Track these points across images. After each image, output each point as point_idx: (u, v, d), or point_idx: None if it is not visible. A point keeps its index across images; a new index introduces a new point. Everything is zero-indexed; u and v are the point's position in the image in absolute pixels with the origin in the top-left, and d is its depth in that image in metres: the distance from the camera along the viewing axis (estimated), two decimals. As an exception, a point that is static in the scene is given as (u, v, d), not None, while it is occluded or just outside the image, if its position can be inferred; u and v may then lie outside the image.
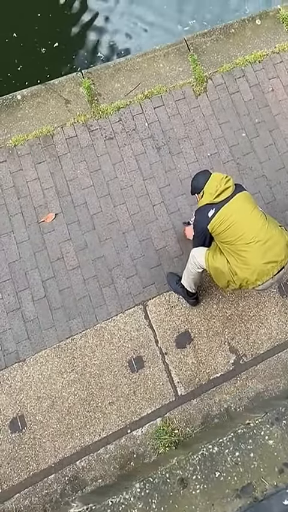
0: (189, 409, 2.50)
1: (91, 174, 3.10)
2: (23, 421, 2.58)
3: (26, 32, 3.89)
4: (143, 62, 3.42)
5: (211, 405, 2.50)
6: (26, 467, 2.50)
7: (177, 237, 2.93)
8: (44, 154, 3.14)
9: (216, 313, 2.72)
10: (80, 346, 2.69)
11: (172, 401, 2.52)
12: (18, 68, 3.83)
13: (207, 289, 2.78)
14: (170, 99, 3.25)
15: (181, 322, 2.69)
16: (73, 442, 2.51)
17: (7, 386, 2.64)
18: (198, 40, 3.46)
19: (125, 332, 2.69)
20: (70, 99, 3.30)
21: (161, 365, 2.62)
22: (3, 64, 3.80)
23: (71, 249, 2.93)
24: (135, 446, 2.45)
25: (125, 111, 3.23)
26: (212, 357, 2.61)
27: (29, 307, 2.80)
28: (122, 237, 2.94)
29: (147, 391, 2.57)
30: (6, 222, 2.98)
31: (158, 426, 2.47)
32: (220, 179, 2.41)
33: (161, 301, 2.76)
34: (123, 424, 2.52)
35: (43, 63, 3.89)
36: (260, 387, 2.52)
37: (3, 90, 3.52)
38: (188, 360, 2.61)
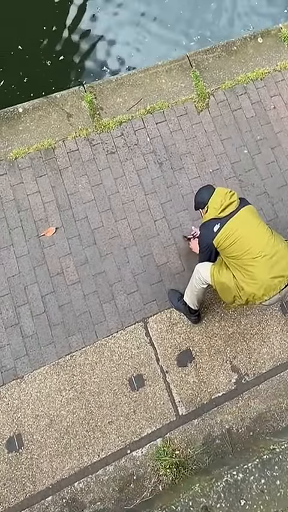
0: (190, 430, 2.47)
1: (92, 188, 3.09)
2: (20, 440, 2.53)
3: (32, 45, 3.95)
4: (145, 77, 3.44)
5: (212, 426, 2.47)
6: (22, 489, 2.45)
7: (178, 252, 2.92)
8: (45, 168, 3.13)
9: (218, 331, 2.71)
10: (80, 363, 2.66)
11: (173, 421, 2.50)
12: (25, 80, 3.87)
13: (209, 306, 2.76)
14: (172, 115, 3.27)
15: (182, 340, 2.67)
16: (71, 463, 2.46)
17: (4, 404, 2.59)
18: (201, 57, 3.50)
19: (125, 349, 2.67)
20: (72, 113, 3.31)
21: (161, 384, 2.59)
22: (9, 76, 3.85)
23: (71, 263, 2.90)
24: (135, 467, 2.41)
25: (127, 125, 3.24)
26: (214, 376, 2.59)
27: (28, 323, 2.77)
28: (123, 252, 2.93)
29: (148, 410, 2.54)
30: (6, 235, 2.96)
31: (159, 447, 2.44)
32: (224, 194, 2.43)
33: (162, 318, 2.74)
34: (122, 444, 2.49)
35: (48, 75, 3.94)
36: (263, 407, 2.49)
37: (8, 101, 3.56)
38: (189, 378, 2.58)
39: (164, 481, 2.32)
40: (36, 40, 3.98)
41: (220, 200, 2.39)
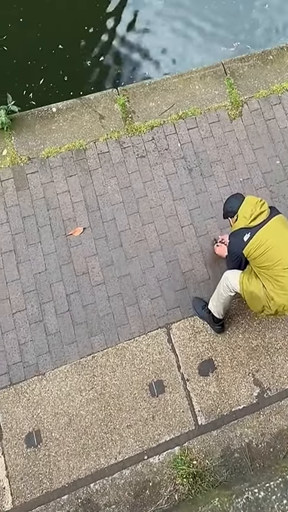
0: (209, 440, 2.42)
1: (121, 191, 3.04)
2: (38, 436, 2.54)
3: (72, 44, 4.03)
4: (178, 82, 3.38)
5: (232, 438, 2.40)
6: (39, 485, 2.44)
7: (204, 260, 2.89)
8: (75, 168, 3.10)
9: (242, 343, 2.65)
10: (101, 364, 2.62)
11: (192, 431, 2.45)
12: (65, 79, 3.92)
13: (233, 317, 2.70)
14: (204, 121, 3.20)
15: (205, 349, 2.63)
16: (88, 464, 2.43)
17: (25, 399, 2.58)
18: (236, 64, 3.43)
19: (147, 354, 2.62)
20: (104, 115, 3.25)
21: (182, 391, 2.54)
22: (49, 74, 3.92)
23: (97, 264, 2.86)
24: (151, 474, 2.36)
25: (159, 130, 3.19)
26: (235, 388, 2.52)
27: (52, 320, 2.75)
28: (148, 257, 2.89)
29: (167, 417, 2.49)
30: (35, 232, 2.95)
31: (176, 455, 2.41)
32: (255, 203, 2.40)
33: (185, 325, 2.71)
34: (140, 449, 2.45)
35: (87, 75, 4.01)
36: (284, 424, 2.42)
37: (48, 99, 3.61)
38: (210, 388, 2.53)
39: (180, 490, 2.26)
40: (77, 40, 4.05)
41: (251, 209, 2.34)
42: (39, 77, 3.84)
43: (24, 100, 3.74)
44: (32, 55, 3.91)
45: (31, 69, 3.86)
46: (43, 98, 3.69)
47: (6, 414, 2.57)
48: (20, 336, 2.76)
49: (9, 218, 3.05)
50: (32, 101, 3.77)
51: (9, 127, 3.28)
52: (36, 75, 3.84)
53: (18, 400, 2.60)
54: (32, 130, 3.31)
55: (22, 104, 3.60)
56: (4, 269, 2.92)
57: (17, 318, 2.81)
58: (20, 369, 2.68)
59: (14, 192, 3.12)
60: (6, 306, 2.84)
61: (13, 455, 2.51)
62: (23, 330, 2.78)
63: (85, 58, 4.02)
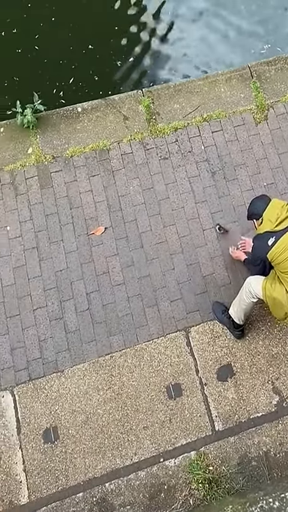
0: (225, 447, 2.36)
1: (143, 192, 2.99)
2: (56, 432, 2.56)
3: (103, 44, 4.04)
4: (204, 85, 3.30)
5: (249, 446, 2.33)
6: (55, 481, 2.43)
7: (226, 265, 2.84)
8: (98, 168, 3.07)
9: (262, 349, 2.59)
10: (119, 364, 2.59)
11: (208, 436, 2.41)
12: (95, 78, 3.93)
13: (254, 323, 2.64)
14: (229, 125, 3.11)
15: (224, 354, 2.57)
16: (104, 463, 2.40)
17: (43, 395, 2.59)
18: (262, 68, 3.35)
19: (165, 356, 2.58)
20: (129, 116, 3.18)
21: (199, 396, 2.49)
22: (79, 73, 3.94)
23: (118, 264, 2.82)
24: (167, 477, 2.31)
25: (182, 132, 3.11)
26: (254, 395, 2.47)
27: (72, 318, 2.74)
28: (169, 259, 2.85)
29: (184, 420, 2.45)
30: (57, 230, 2.94)
31: (192, 459, 2.37)
32: (281, 206, 2.36)
33: (205, 329, 2.67)
34: (156, 451, 2.43)
35: (117, 75, 4.00)
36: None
37: (78, 98, 3.61)
38: (228, 394, 2.47)
39: (195, 495, 2.22)
40: (107, 40, 4.06)
41: (276, 213, 2.30)
42: (69, 76, 3.87)
43: (54, 98, 3.76)
44: (62, 54, 3.94)
45: (61, 68, 3.89)
46: (73, 96, 3.71)
47: (24, 409, 2.59)
48: (40, 332, 2.76)
49: (32, 216, 3.03)
50: (61, 100, 3.79)
51: (35, 125, 3.27)
52: (66, 74, 3.87)
53: (37, 396, 2.60)
54: (57, 129, 3.28)
55: (52, 102, 3.65)
56: (26, 265, 2.92)
57: (37, 314, 2.80)
58: (39, 365, 2.68)
59: (38, 190, 3.11)
60: (27, 302, 2.83)
61: (30, 449, 2.52)
62: (43, 326, 2.77)
63: (115, 58, 4.03)
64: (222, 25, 4.13)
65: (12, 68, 3.86)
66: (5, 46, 3.91)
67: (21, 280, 2.91)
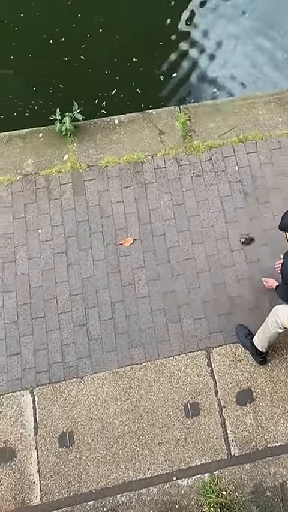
0: (240, 473, 2.31)
1: (174, 207, 3.00)
2: (71, 437, 2.58)
3: (147, 58, 4.08)
4: (242, 106, 3.29)
5: (265, 475, 2.29)
6: (67, 486, 2.46)
7: (253, 288, 2.83)
8: (131, 180, 3.10)
9: (284, 378, 2.57)
10: (138, 377, 2.59)
11: (224, 459, 2.38)
12: (138, 91, 3.96)
13: (277, 350, 2.63)
14: (265, 147, 3.07)
15: (245, 378, 2.54)
16: (117, 474, 2.39)
17: (62, 399, 2.61)
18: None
19: (185, 374, 2.55)
20: (164, 131, 3.20)
21: (217, 418, 2.45)
22: (122, 85, 3.98)
23: (144, 277, 2.83)
24: (178, 496, 2.28)
25: (217, 151, 3.10)
26: (273, 424, 2.42)
27: (95, 326, 2.75)
28: (195, 276, 2.84)
29: (199, 441, 2.41)
30: (87, 237, 2.97)
31: (206, 482, 2.34)
32: None
33: (227, 351, 2.64)
34: (169, 469, 2.41)
35: (159, 90, 4.03)
36: None
37: (119, 109, 3.63)
38: (246, 419, 2.42)
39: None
40: (152, 54, 4.10)
41: None
42: (112, 87, 3.92)
43: (96, 108, 3.82)
44: (107, 65, 4.00)
45: (105, 78, 3.96)
46: (114, 107, 3.77)
47: (43, 411, 2.62)
48: (63, 336, 2.79)
49: (64, 221, 3.07)
50: (103, 110, 3.84)
51: (72, 134, 3.31)
52: (109, 85, 3.93)
53: (56, 399, 2.62)
54: (93, 139, 3.30)
55: (93, 112, 3.71)
56: (55, 269, 2.95)
57: (62, 318, 2.83)
58: (60, 369, 2.71)
59: (71, 196, 3.14)
60: (53, 306, 2.86)
61: (46, 451, 2.55)
62: (66, 331, 2.80)
63: (158, 73, 4.06)
64: (270, 46, 4.04)
65: (58, 75, 3.95)
66: (53, 54, 4.01)
67: (49, 283, 2.95)
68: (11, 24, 4.05)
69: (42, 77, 3.93)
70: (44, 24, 4.06)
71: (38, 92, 3.89)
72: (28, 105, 3.84)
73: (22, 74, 3.94)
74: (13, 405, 2.61)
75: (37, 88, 3.88)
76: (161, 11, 4.16)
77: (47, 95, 3.87)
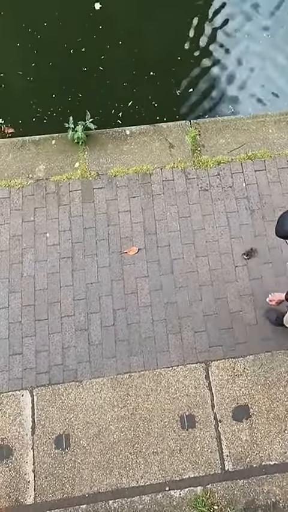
0: (233, 489, 2.31)
1: (180, 220, 3.01)
2: (67, 440, 2.61)
3: (164, 72, 4.08)
4: (252, 123, 3.29)
5: (258, 493, 2.28)
6: (61, 488, 2.46)
7: (254, 304, 2.86)
8: (139, 190, 3.12)
9: (282, 397, 2.57)
10: (136, 385, 2.58)
11: (217, 474, 2.38)
12: (155, 104, 3.95)
13: (276, 368, 2.70)
14: (273, 166, 3.08)
15: (242, 394, 2.54)
16: (110, 480, 2.39)
17: (60, 401, 2.61)
18: None
19: (183, 386, 2.56)
20: (174, 144, 3.20)
21: (213, 431, 2.44)
22: (139, 97, 3.98)
23: (146, 286, 2.85)
24: (170, 507, 2.28)
25: (225, 167, 3.10)
26: (269, 442, 2.41)
27: (96, 331, 2.75)
28: (197, 289, 2.84)
29: (194, 453, 2.41)
30: (93, 244, 2.97)
31: (198, 495, 2.34)
32: None
33: (225, 365, 2.63)
34: (163, 479, 2.41)
35: (175, 104, 4.02)
36: None
37: (135, 121, 3.67)
38: (242, 435, 2.40)
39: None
40: (169, 68, 4.09)
41: None
42: (128, 99, 3.93)
43: (111, 119, 3.82)
44: (124, 77, 4.03)
45: (122, 90, 3.98)
46: (129, 118, 3.78)
47: (41, 411, 2.63)
48: (64, 339, 2.81)
49: (71, 227, 3.09)
50: (118, 120, 3.85)
51: (84, 142, 3.35)
52: (126, 97, 3.94)
53: (54, 401, 2.63)
54: (104, 148, 3.32)
55: (109, 122, 3.72)
56: (60, 273, 2.97)
57: (64, 322, 2.85)
58: (60, 372, 2.72)
59: (80, 203, 3.16)
60: (56, 309, 2.88)
61: (42, 452, 2.56)
62: (68, 334, 2.83)
63: (174, 87, 4.05)
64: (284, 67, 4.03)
65: (76, 84, 3.97)
66: (73, 63, 4.05)
67: (53, 287, 2.99)
68: (35, 32, 4.09)
69: (61, 85, 3.97)
70: (65, 34, 4.10)
71: (56, 99, 3.91)
72: (47, 112, 3.86)
73: (42, 81, 3.97)
74: (12, 404, 2.63)
75: (56, 96, 3.91)
76: (181, 27, 4.16)
77: (64, 103, 3.89)
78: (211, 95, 4.10)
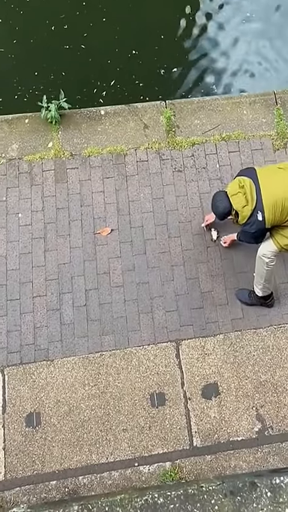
0: (201, 464, 2.27)
1: (153, 201, 2.85)
2: (38, 418, 2.48)
3: (147, 51, 3.77)
4: (227, 104, 3.12)
5: (225, 468, 2.24)
6: (31, 465, 2.39)
7: (225, 285, 2.77)
8: (113, 171, 2.90)
9: (250, 375, 2.50)
10: (107, 364, 2.45)
11: (186, 450, 2.29)
12: (140, 84, 3.64)
13: (246, 347, 2.58)
14: (247, 147, 2.92)
15: (212, 372, 2.48)
16: (80, 456, 2.31)
17: (31, 380, 2.51)
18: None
19: (153, 364, 2.45)
20: (149, 125, 2.99)
21: (182, 409, 2.37)
22: (121, 76, 3.65)
23: (119, 267, 2.67)
24: (139, 482, 2.21)
25: (199, 148, 2.92)
26: (237, 418, 2.35)
27: (68, 311, 2.62)
28: (170, 269, 2.71)
29: (163, 430, 2.32)
30: (66, 225, 2.79)
31: (166, 470, 2.26)
32: (239, 187, 2.20)
33: (196, 344, 2.55)
34: (132, 455, 2.32)
35: (158, 83, 3.70)
36: (281, 467, 2.05)
37: (118, 100, 3.37)
38: (210, 412, 2.35)
39: None
40: (152, 47, 3.76)
41: (243, 194, 2.14)
42: (111, 78, 3.62)
43: (93, 98, 3.52)
44: (107, 56, 3.70)
45: (105, 69, 3.65)
46: (112, 98, 3.47)
47: (12, 390, 2.50)
48: (36, 319, 2.64)
49: (44, 207, 2.88)
50: (100, 99, 3.56)
51: (58, 121, 3.10)
52: (109, 76, 3.62)
53: (25, 380, 2.50)
54: (78, 128, 3.09)
55: (91, 101, 3.44)
56: (32, 254, 2.79)
57: (36, 302, 2.68)
58: (31, 351, 2.58)
59: (53, 183, 2.94)
60: (28, 289, 2.70)
61: (12, 430, 2.45)
62: (40, 314, 2.66)
63: (158, 66, 3.71)
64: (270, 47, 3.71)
65: (58, 63, 3.61)
66: (54, 41, 3.69)
67: (25, 267, 2.77)
68: (17, 8, 3.71)
69: (42, 63, 3.59)
70: (48, 10, 3.73)
71: (36, 78, 3.54)
72: (29, 90, 3.51)
73: (23, 59, 3.60)
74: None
75: (37, 74, 3.53)
76: (165, 5, 3.79)
77: (44, 82, 3.54)
78: (196, 73, 3.75)
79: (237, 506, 1.77)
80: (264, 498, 1.81)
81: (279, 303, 2.60)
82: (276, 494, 1.78)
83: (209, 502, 1.76)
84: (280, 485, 1.79)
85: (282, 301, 2.59)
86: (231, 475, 2.11)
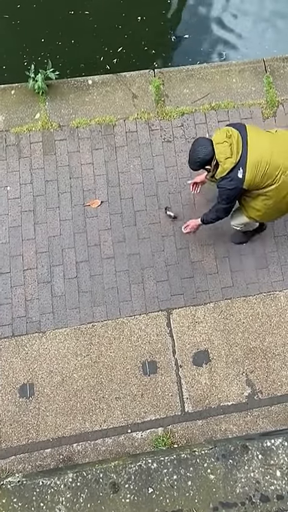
0: (192, 428, 1.94)
1: (143, 172, 2.37)
2: (32, 389, 2.09)
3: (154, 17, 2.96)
4: (216, 73, 2.58)
5: (216, 431, 1.91)
6: (26, 434, 2.03)
7: (215, 254, 2.31)
8: (102, 142, 2.38)
9: (240, 341, 2.12)
10: (99, 334, 2.08)
11: (177, 415, 1.97)
12: (146, 49, 2.91)
13: (235, 315, 2.17)
14: (236, 116, 2.45)
15: (202, 340, 2.10)
16: (74, 424, 1.99)
17: (24, 352, 2.11)
18: (277, 64, 2.65)
19: (144, 333, 2.09)
20: (138, 95, 2.47)
21: (173, 376, 2.02)
22: (129, 43, 2.92)
23: (109, 238, 2.24)
24: (132, 447, 1.89)
25: (189, 117, 2.42)
26: (227, 384, 2.02)
27: (59, 284, 2.20)
28: (160, 240, 2.28)
29: (155, 397, 2.00)
30: (55, 197, 2.34)
31: (159, 435, 1.93)
32: (226, 136, 1.73)
33: (187, 313, 2.16)
34: (125, 422, 1.98)
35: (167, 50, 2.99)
36: (270, 429, 1.80)
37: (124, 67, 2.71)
38: (201, 379, 2.01)
39: None
40: (159, 12, 2.98)
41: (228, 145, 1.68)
42: (117, 45, 2.89)
43: (99, 65, 2.83)
44: (114, 21, 2.92)
45: (110, 35, 2.91)
46: (119, 65, 2.78)
47: (4, 362, 2.09)
48: (27, 292, 2.20)
49: (33, 179, 2.36)
50: (107, 65, 2.86)
51: (44, 92, 2.51)
52: (115, 43, 2.88)
53: (18, 352, 2.09)
54: (66, 99, 2.53)
55: (97, 69, 2.75)
56: (22, 227, 2.29)
57: (27, 275, 2.22)
58: (23, 323, 2.15)
59: (41, 155, 2.40)
60: (18, 262, 2.24)
61: (6, 401, 2.05)
62: (31, 287, 2.21)
63: (165, 32, 2.97)
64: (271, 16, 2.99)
65: (63, 30, 2.86)
66: (58, 7, 2.90)
67: (15, 240, 2.27)
68: None
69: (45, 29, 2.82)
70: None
71: (25, 47, 2.80)
72: (15, 60, 2.80)
73: (22, 25, 2.86)
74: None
75: (26, 44, 2.79)
76: None
77: (33, 51, 2.80)
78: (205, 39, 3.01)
79: (229, 469, 1.51)
80: (255, 460, 1.53)
81: (269, 270, 2.20)
82: (267, 457, 1.52)
83: (202, 465, 1.50)
84: (271, 447, 1.54)
85: (272, 269, 2.20)
86: (223, 439, 1.81)
